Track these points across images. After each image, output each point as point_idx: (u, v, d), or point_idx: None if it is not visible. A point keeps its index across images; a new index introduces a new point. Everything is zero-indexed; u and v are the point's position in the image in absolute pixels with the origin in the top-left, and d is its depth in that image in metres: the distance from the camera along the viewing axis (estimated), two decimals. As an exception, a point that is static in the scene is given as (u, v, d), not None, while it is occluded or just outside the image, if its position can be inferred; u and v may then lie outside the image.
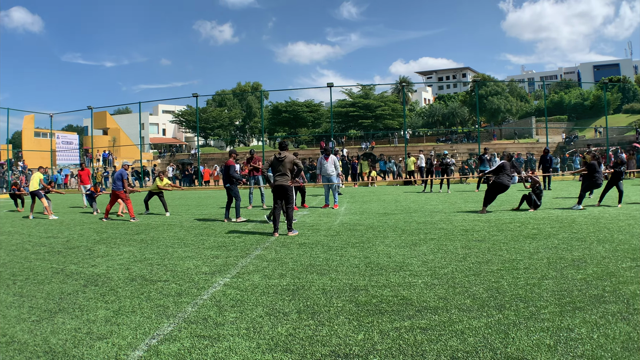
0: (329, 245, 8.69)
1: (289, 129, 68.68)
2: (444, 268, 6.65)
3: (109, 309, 5.22)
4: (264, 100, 70.54)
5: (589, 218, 11.11)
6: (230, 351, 3.98)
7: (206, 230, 11.29)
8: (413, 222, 11.41)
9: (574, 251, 7.45)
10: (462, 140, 57.18)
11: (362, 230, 10.38)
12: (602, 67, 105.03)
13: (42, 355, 4.02)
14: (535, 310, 4.73)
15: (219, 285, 6.09)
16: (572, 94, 75.11)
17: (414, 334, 4.23)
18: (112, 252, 8.71)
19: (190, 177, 38.07)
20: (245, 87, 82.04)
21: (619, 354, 3.63)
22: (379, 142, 59.49)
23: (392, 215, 12.98)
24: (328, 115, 64.56)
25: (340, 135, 59.43)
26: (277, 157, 10.31)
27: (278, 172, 10.26)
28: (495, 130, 63.75)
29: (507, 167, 13.13)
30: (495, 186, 13.17)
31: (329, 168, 15.99)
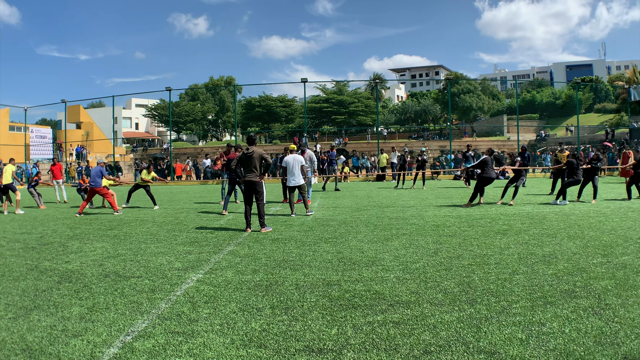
0: (302, 241, 8.72)
1: (262, 124, 68.39)
2: (415, 263, 6.74)
3: (83, 306, 5.17)
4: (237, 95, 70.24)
5: (559, 214, 11.34)
6: (204, 347, 3.99)
7: (178, 226, 11.22)
8: (385, 218, 11.51)
9: (544, 247, 7.61)
10: (434, 137, 57.68)
11: (335, 226, 10.43)
12: (575, 67, 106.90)
13: (19, 352, 3.98)
14: (506, 304, 4.83)
15: (192, 282, 6.08)
16: (544, 93, 76.23)
17: (387, 328, 4.29)
18: (85, 248, 8.61)
19: (162, 171, 37.71)
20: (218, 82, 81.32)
21: (592, 348, 3.72)
22: (352, 138, 59.67)
23: (364, 211, 13.07)
24: (301, 111, 64.52)
25: (313, 131, 59.38)
26: (245, 153, 10.15)
27: (247, 167, 10.13)
28: (466, 128, 64.43)
29: (489, 162, 13.53)
30: (483, 180, 13.70)
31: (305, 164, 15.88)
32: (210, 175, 35.05)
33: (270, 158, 11.26)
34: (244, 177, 10.15)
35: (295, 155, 12.67)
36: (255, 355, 3.80)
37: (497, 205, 13.60)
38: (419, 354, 3.74)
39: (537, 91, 78.46)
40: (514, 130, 47.67)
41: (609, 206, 12.87)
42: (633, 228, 9.23)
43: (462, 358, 3.64)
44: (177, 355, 3.84)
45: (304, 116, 42.56)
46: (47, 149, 45.23)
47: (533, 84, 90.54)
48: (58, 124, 66.94)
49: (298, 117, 69.91)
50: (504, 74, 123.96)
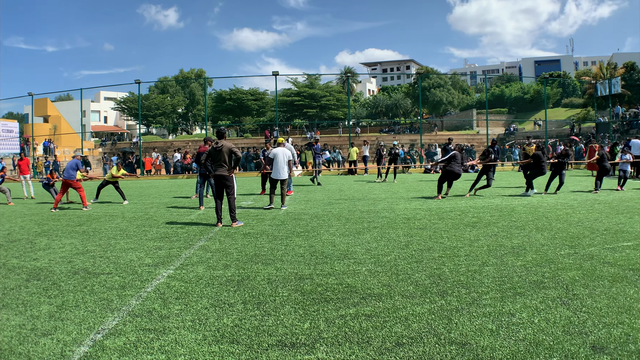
0: (274, 235, 8.71)
1: (233, 117, 67.83)
2: (387, 256, 6.80)
3: (52, 304, 5.08)
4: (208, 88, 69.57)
5: (528, 207, 11.53)
6: (176, 344, 3.96)
7: (148, 221, 11.10)
8: (357, 211, 11.56)
9: (513, 239, 7.75)
10: (404, 131, 57.98)
11: (307, 220, 10.44)
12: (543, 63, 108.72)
13: (-13, 352, 3.89)
14: (477, 296, 4.90)
15: (162, 278, 6.02)
16: (513, 87, 77.19)
17: (359, 321, 4.32)
18: (53, 245, 8.46)
19: (131, 166, 37.20)
20: (188, 74, 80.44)
21: (561, 338, 3.81)
22: (324, 132, 59.64)
23: (336, 204, 13.10)
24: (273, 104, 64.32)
25: (285, 125, 59.22)
26: (214, 147, 10.03)
27: (217, 161, 10.02)
28: (437, 122, 64.98)
29: (458, 157, 13.75)
30: (447, 174, 13.91)
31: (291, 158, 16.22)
32: (181, 169, 34.71)
33: (240, 152, 11.17)
34: (214, 172, 10.05)
35: (284, 149, 12.63)
36: (228, 351, 3.79)
37: (467, 198, 13.78)
38: (391, 346, 3.78)
39: (506, 86, 79.46)
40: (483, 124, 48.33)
41: (576, 199, 13.15)
42: (599, 220, 9.45)
43: (433, 349, 3.68)
44: (148, 353, 3.81)
45: (275, 110, 42.41)
46: (13, 143, 44.11)
47: (502, 78, 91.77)
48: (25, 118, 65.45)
49: (269, 111, 69.57)
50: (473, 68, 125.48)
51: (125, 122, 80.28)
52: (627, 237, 7.74)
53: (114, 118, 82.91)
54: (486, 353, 3.59)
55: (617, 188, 15.67)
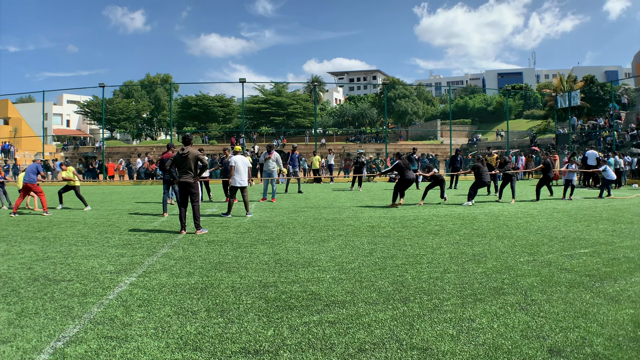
0: (238, 243, 8.69)
1: (199, 124, 67.30)
2: (351, 263, 6.86)
3: (11, 311, 4.98)
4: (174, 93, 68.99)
5: (489, 215, 11.77)
6: (139, 351, 3.94)
7: (111, 227, 10.95)
8: (322, 219, 11.61)
9: (474, 246, 7.91)
10: (370, 140, 58.45)
11: (272, 227, 10.45)
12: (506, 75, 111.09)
13: (-62, 362, 3.80)
14: (438, 302, 5.00)
15: (125, 285, 5.96)
16: (477, 99, 78.69)
17: (322, 327, 4.36)
18: (12, 251, 8.27)
19: (94, 171, 36.60)
20: (154, 79, 79.59)
21: (519, 342, 3.93)
22: (290, 140, 59.62)
23: (302, 212, 13.14)
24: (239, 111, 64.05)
25: (251, 132, 59.06)
26: (180, 153, 9.96)
27: (182, 168, 9.94)
28: (402, 132, 65.73)
29: (403, 165, 14.05)
30: (404, 182, 14.25)
31: (271, 164, 16.75)
32: (144, 175, 34.30)
33: (206, 159, 11.13)
34: (179, 178, 9.97)
35: (243, 157, 12.64)
36: (191, 359, 3.79)
37: (430, 207, 13.97)
38: (354, 352, 3.83)
39: (469, 97, 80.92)
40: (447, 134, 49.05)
41: (536, 207, 13.48)
42: (558, 228, 9.71)
43: (395, 355, 3.75)
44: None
45: (241, 116, 42.27)
46: (-29, 146, 42.95)
47: (466, 90, 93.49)
48: (-17, 119, 63.74)
49: (236, 118, 69.28)
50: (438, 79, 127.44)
51: (88, 126, 78.90)
52: (584, 245, 7.99)
53: (77, 122, 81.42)
54: (447, 358, 3.68)
55: (561, 197, 16.24)
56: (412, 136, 65.56)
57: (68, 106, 79.17)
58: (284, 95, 68.66)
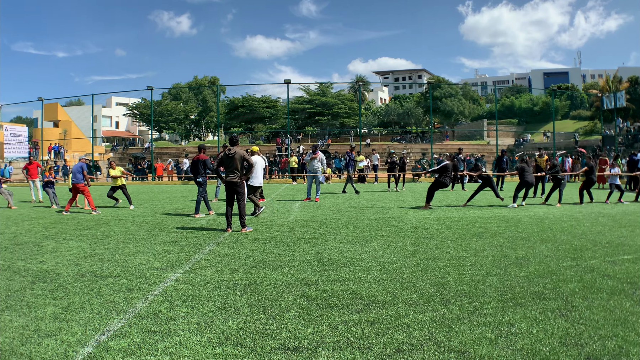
0: (282, 241, 8.77)
1: (246, 124, 68.11)
2: (393, 264, 6.83)
3: (57, 306, 5.15)
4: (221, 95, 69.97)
5: (534, 218, 11.51)
6: (180, 346, 4.02)
7: (158, 225, 11.20)
8: (365, 219, 11.59)
9: (518, 249, 7.74)
10: (416, 140, 57.95)
11: (315, 227, 10.49)
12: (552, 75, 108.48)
13: (-13, 353, 3.96)
14: (478, 305, 4.92)
15: (170, 281, 6.10)
16: (523, 99, 77.13)
17: (361, 327, 4.36)
18: (61, 248, 8.56)
19: (142, 171, 37.48)
20: (202, 81, 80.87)
21: (557, 349, 3.82)
22: (335, 140, 59.69)
23: (345, 212, 13.14)
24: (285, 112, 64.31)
25: (296, 132, 59.36)
26: (227, 154, 10.20)
27: (229, 168, 10.16)
28: (448, 132, 64.93)
29: (450, 167, 13.90)
30: (437, 184, 14.11)
31: (316, 164, 16.96)
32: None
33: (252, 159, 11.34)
34: (226, 178, 10.16)
35: (260, 158, 12.86)
36: (231, 354, 3.85)
37: (475, 208, 13.77)
38: (392, 352, 3.81)
39: (515, 97, 79.35)
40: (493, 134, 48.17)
41: (581, 211, 13.10)
42: (602, 233, 9.41)
43: (433, 357, 3.72)
44: (152, 354, 3.87)
45: (287, 117, 42.58)
46: (22, 147, 44.48)
47: (512, 90, 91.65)
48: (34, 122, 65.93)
49: (281, 118, 69.72)
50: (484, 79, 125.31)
51: (137, 128, 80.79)
52: (628, 251, 7.71)
53: (126, 123, 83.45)
54: (484, 361, 3.63)
55: (605, 201, 15.64)
56: (458, 136, 64.69)
57: (117, 108, 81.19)
58: (328, 95, 68.68)
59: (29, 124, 62.98)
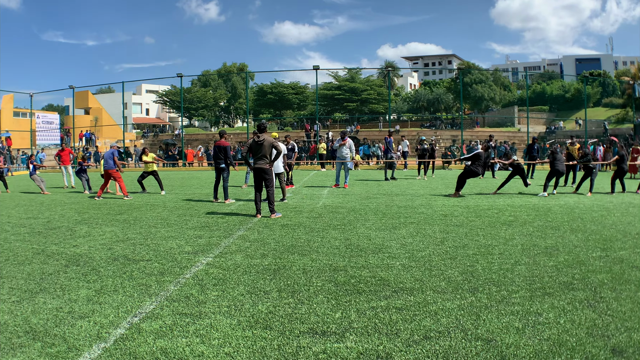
0: (310, 227, 8.83)
1: (274, 111, 68.16)
2: (421, 251, 6.82)
3: (90, 289, 5.29)
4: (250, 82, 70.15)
5: (564, 207, 11.35)
6: (211, 328, 4.11)
7: (189, 210, 11.36)
8: (394, 206, 11.57)
9: (547, 239, 7.66)
10: (446, 126, 57.35)
11: (344, 213, 10.52)
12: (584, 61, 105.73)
13: (22, 335, 4.07)
14: (506, 294, 4.90)
15: (201, 265, 6.21)
16: (554, 85, 75.47)
17: (389, 313, 4.39)
18: (94, 232, 8.75)
19: (173, 157, 37.93)
20: (230, 68, 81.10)
21: (583, 339, 3.79)
22: (364, 126, 59.37)
23: (373, 199, 13.13)
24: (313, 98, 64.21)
25: (325, 118, 59.25)
26: (256, 140, 10.27)
27: (257, 155, 10.26)
28: (478, 118, 64.05)
29: (482, 156, 13.73)
30: (469, 173, 13.95)
31: (344, 150, 16.99)
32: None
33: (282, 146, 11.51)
34: (254, 165, 10.27)
35: (281, 144, 13.05)
36: (261, 336, 3.91)
37: (505, 196, 13.62)
38: (419, 339, 3.84)
39: (547, 83, 77.76)
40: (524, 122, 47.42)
41: (612, 201, 12.84)
42: (632, 223, 9.23)
43: (459, 344, 3.72)
44: (183, 336, 3.96)
45: (315, 103, 42.52)
46: (54, 134, 45.29)
47: (544, 76, 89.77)
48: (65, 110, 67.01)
49: (310, 104, 69.52)
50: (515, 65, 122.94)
51: (167, 115, 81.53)
52: (660, 241, 7.56)
53: (156, 110, 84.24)
54: (510, 350, 3.61)
55: (636, 191, 15.23)
56: (488, 123, 63.71)
57: (147, 95, 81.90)
58: (357, 81, 68.18)
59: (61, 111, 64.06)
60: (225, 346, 3.77)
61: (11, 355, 3.69)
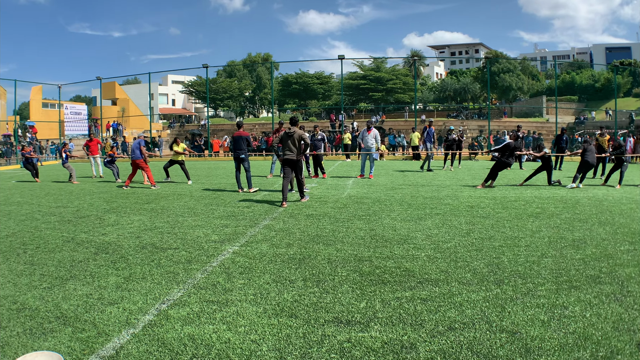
0: (335, 217, 8.85)
1: (299, 101, 68.14)
2: (447, 242, 6.80)
3: (119, 276, 5.41)
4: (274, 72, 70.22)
5: (592, 200, 11.17)
6: (237, 315, 4.17)
7: (216, 200, 11.47)
8: (420, 197, 11.52)
9: (575, 231, 7.56)
10: (473, 116, 56.72)
11: (369, 203, 10.52)
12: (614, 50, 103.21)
13: (53, 320, 4.19)
14: (532, 286, 4.87)
15: (228, 253, 6.29)
16: (584, 74, 74.00)
17: (414, 304, 4.40)
18: (122, 221, 8.90)
19: (199, 147, 38.23)
20: (255, 58, 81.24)
21: (609, 334, 3.76)
22: (390, 116, 59.03)
23: (399, 190, 13.09)
24: (338, 88, 64.12)
25: (350, 108, 59.09)
26: (287, 132, 10.77)
27: (287, 146, 10.71)
28: (505, 108, 63.19)
29: (512, 146, 13.58)
30: (502, 164, 13.75)
31: (370, 141, 16.88)
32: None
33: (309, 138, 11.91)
34: (283, 156, 10.75)
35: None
36: (286, 324, 3.96)
37: (532, 188, 13.47)
38: (444, 330, 3.84)
39: (576, 73, 76.26)
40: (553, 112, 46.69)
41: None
42: (663, 216, 9.06)
43: (484, 336, 3.72)
44: (210, 323, 4.03)
45: (340, 93, 42.40)
46: (82, 125, 45.94)
47: (573, 65, 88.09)
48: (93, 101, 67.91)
49: (335, 94, 69.39)
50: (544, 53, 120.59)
51: (193, 105, 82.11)
52: (690, 234, 7.41)
53: (182, 101, 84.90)
54: (535, 343, 3.60)
55: None
56: (516, 113, 62.83)
57: (173, 86, 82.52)
58: (383, 70, 67.72)
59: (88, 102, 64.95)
60: (251, 333, 3.83)
61: (42, 340, 3.79)
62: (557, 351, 3.48)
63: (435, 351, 3.50)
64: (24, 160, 19.00)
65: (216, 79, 71.79)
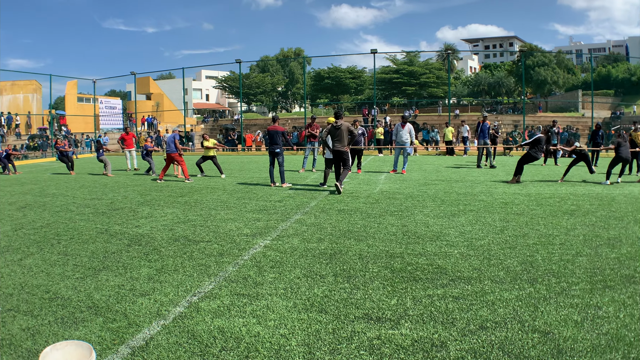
0: (367, 213, 8.82)
1: (331, 96, 68.08)
2: (480, 240, 6.71)
3: (152, 267, 5.49)
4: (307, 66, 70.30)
5: (628, 197, 10.88)
6: (267, 309, 4.18)
7: (248, 194, 11.55)
8: (453, 193, 11.40)
9: (610, 230, 7.37)
10: (507, 111, 55.88)
11: (401, 199, 10.45)
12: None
13: (85, 310, 4.27)
14: (566, 286, 4.77)
15: (259, 247, 6.32)
16: (620, 68, 71.99)
17: (445, 302, 4.35)
18: (155, 214, 9.03)
19: (232, 142, 38.52)
20: (287, 53, 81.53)
21: (642, 335, 3.66)
22: (423, 110, 58.49)
23: (432, 185, 12.98)
24: (371, 82, 63.81)
25: (383, 103, 58.76)
26: (334, 125, 11.61)
27: (336, 138, 11.57)
28: (540, 103, 62.03)
29: (543, 140, 13.38)
30: (528, 157, 13.75)
31: (404, 135, 16.79)
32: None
33: (356, 131, 12.65)
34: (333, 147, 11.48)
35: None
36: (316, 319, 3.96)
37: (568, 185, 13.20)
38: (475, 329, 3.79)
39: (612, 66, 74.26)
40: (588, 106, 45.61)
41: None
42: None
43: (516, 336, 3.65)
44: (240, 316, 4.05)
45: (373, 87, 42.18)
46: (116, 119, 46.70)
47: (609, 58, 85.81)
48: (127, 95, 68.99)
49: (367, 89, 69.08)
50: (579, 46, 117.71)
51: (226, 100, 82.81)
52: None
53: (216, 96, 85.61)
54: (567, 344, 3.51)
55: None
56: (551, 107, 61.64)
57: (207, 81, 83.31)
58: (416, 64, 67.01)
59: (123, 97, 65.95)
60: (281, 327, 3.83)
61: (74, 329, 3.87)
62: (589, 352, 3.40)
63: (465, 350, 3.45)
64: (59, 153, 19.47)
65: (249, 74, 72.22)
